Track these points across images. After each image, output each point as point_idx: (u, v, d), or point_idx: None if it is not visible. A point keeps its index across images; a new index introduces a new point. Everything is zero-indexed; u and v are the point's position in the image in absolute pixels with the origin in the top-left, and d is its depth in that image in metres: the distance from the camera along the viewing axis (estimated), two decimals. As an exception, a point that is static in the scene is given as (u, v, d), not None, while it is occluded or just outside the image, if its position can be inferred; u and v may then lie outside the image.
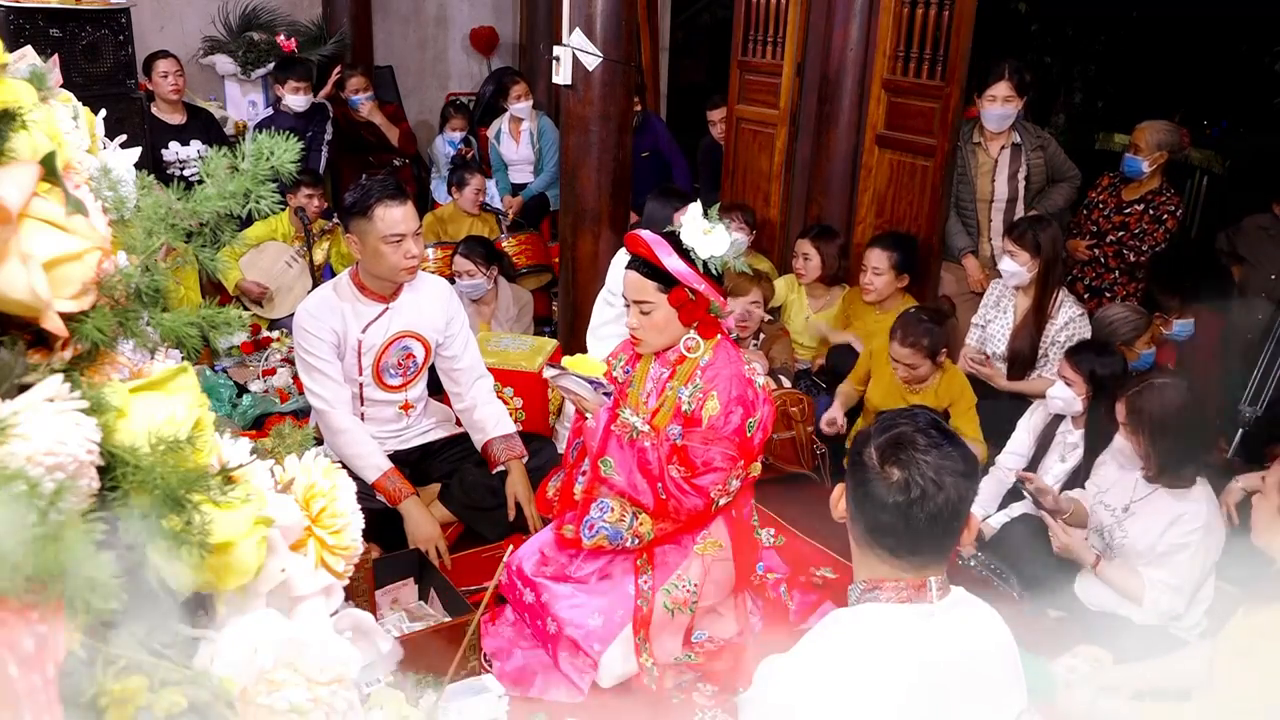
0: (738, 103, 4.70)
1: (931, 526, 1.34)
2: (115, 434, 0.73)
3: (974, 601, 1.44)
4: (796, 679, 1.35)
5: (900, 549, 1.37)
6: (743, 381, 2.44)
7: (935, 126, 3.95)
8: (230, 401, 3.87)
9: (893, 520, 1.35)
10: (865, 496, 1.38)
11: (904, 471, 1.35)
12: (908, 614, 1.37)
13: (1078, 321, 3.53)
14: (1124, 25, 6.98)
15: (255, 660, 0.76)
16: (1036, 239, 3.46)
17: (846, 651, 1.36)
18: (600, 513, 2.48)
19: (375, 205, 2.68)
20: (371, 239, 2.71)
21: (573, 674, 2.43)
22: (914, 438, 1.37)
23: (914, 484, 1.33)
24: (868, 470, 1.38)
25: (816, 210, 4.44)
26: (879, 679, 1.32)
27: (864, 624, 1.38)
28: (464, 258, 4.12)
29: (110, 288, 0.79)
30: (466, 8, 7.06)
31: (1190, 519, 2.47)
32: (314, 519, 0.90)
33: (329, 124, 5.43)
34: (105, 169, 0.90)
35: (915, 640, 1.35)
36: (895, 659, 1.34)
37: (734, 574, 2.57)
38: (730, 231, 2.44)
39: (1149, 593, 2.50)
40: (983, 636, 1.41)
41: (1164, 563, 2.50)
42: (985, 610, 1.44)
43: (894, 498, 1.34)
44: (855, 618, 1.40)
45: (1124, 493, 2.62)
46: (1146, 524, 2.54)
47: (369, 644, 0.95)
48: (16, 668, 0.60)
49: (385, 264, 2.74)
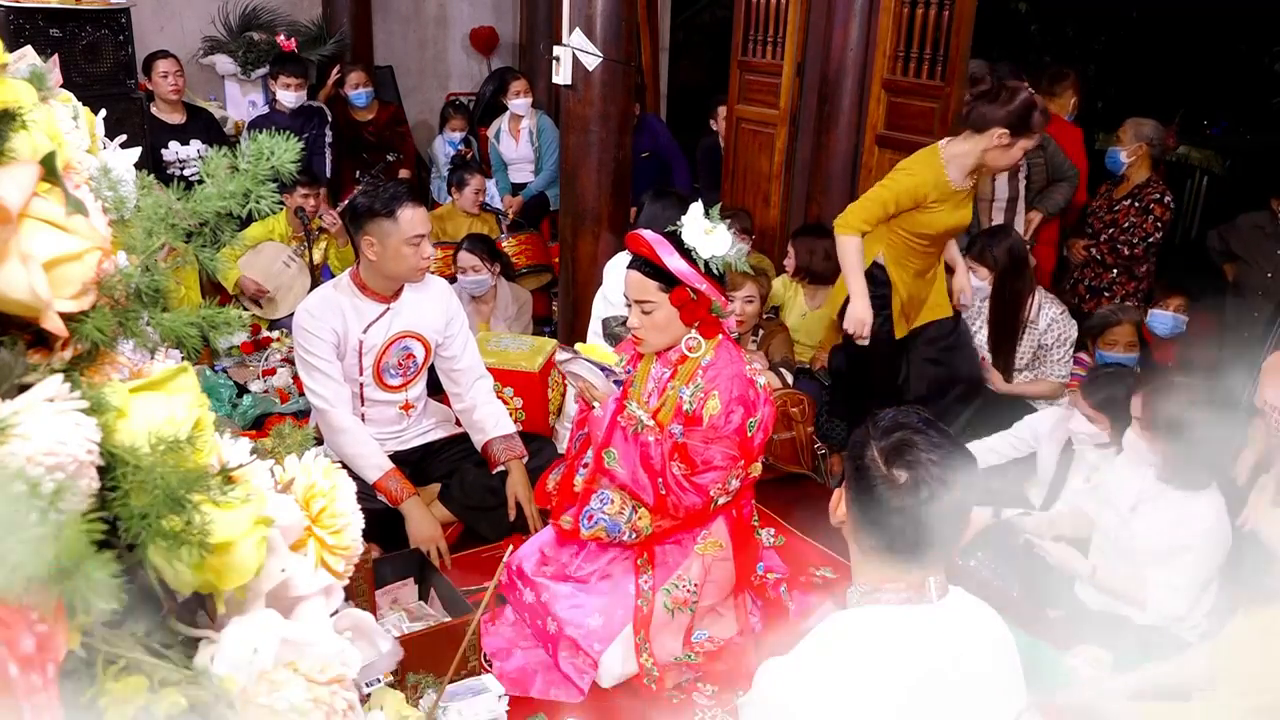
0: (738, 103, 4.71)
1: (939, 527, 1.34)
2: (115, 434, 0.73)
3: (973, 601, 1.44)
4: (797, 681, 1.35)
5: (907, 550, 1.36)
6: (744, 381, 2.44)
7: (935, 126, 3.95)
8: (230, 401, 3.87)
9: (901, 523, 1.35)
10: (871, 501, 1.37)
11: (911, 473, 1.34)
12: (908, 615, 1.37)
13: (1061, 321, 3.56)
14: (1124, 25, 6.99)
15: (255, 660, 0.76)
16: (992, 253, 3.53)
17: (847, 653, 1.36)
18: (600, 504, 2.49)
19: (400, 208, 2.70)
20: (394, 240, 2.72)
21: (573, 674, 2.43)
22: (916, 439, 1.37)
23: (923, 485, 1.33)
24: (872, 474, 1.37)
25: (816, 210, 4.44)
26: (880, 680, 1.32)
27: (865, 626, 1.38)
28: (469, 254, 4.12)
29: (110, 288, 0.79)
30: (466, 8, 7.06)
31: (1198, 519, 2.47)
32: (314, 519, 0.90)
33: (328, 128, 5.43)
34: (105, 169, 0.90)
35: (915, 641, 1.35)
36: (896, 660, 1.34)
37: (734, 574, 2.57)
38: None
39: (1152, 594, 2.49)
40: (982, 636, 1.41)
41: (1168, 563, 2.49)
42: (985, 610, 1.44)
43: (902, 500, 1.34)
44: (856, 620, 1.40)
45: (1131, 491, 2.62)
46: (1153, 522, 2.53)
47: (369, 644, 0.95)
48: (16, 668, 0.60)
49: (405, 265, 2.76)
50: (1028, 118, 3.00)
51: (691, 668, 2.47)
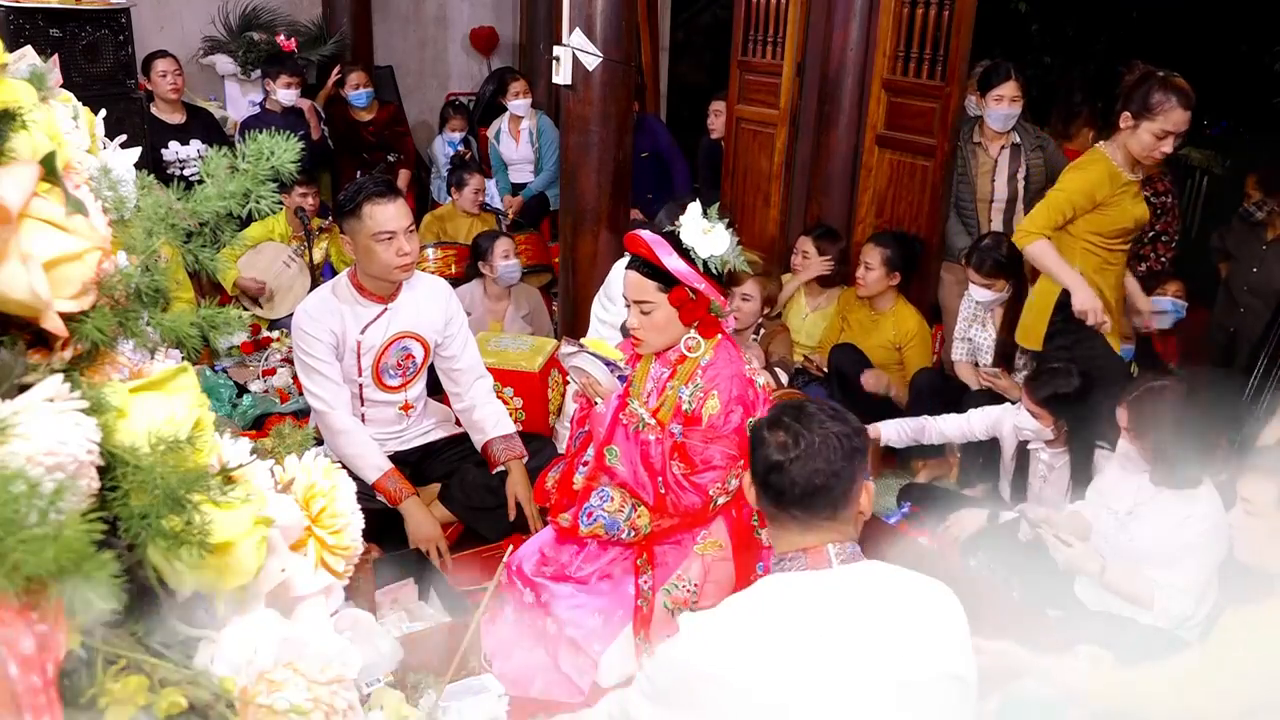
0: (738, 103, 4.70)
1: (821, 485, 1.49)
2: (115, 434, 0.73)
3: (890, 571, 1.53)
4: (703, 639, 1.46)
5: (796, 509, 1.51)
6: (743, 381, 2.44)
7: (935, 126, 3.95)
8: (230, 401, 3.87)
9: (780, 480, 1.51)
10: (760, 465, 1.55)
11: (788, 433, 1.52)
12: (806, 580, 1.49)
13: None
14: (1124, 25, 6.98)
15: (255, 660, 0.76)
16: (996, 262, 3.53)
17: (749, 616, 1.48)
18: (600, 501, 2.49)
19: (364, 203, 2.67)
20: (362, 237, 2.70)
21: (573, 674, 2.43)
22: (804, 406, 1.57)
23: (796, 442, 1.50)
24: (762, 440, 1.55)
25: (816, 210, 4.44)
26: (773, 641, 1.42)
27: (767, 591, 1.51)
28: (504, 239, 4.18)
29: (110, 288, 0.79)
30: (466, 8, 7.06)
31: (1198, 520, 2.46)
32: (314, 519, 0.90)
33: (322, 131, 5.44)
34: (105, 169, 0.90)
35: (810, 605, 1.46)
36: (790, 623, 1.44)
37: (734, 574, 2.57)
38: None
39: (1159, 597, 2.49)
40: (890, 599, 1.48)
41: (1173, 565, 2.49)
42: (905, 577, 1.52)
43: (781, 455, 1.51)
44: (761, 586, 1.53)
45: (1127, 495, 2.61)
46: (1153, 526, 2.53)
47: (369, 644, 0.95)
48: (16, 668, 0.60)
49: (378, 262, 2.73)
50: (1141, 97, 3.02)
51: (691, 668, 2.47)
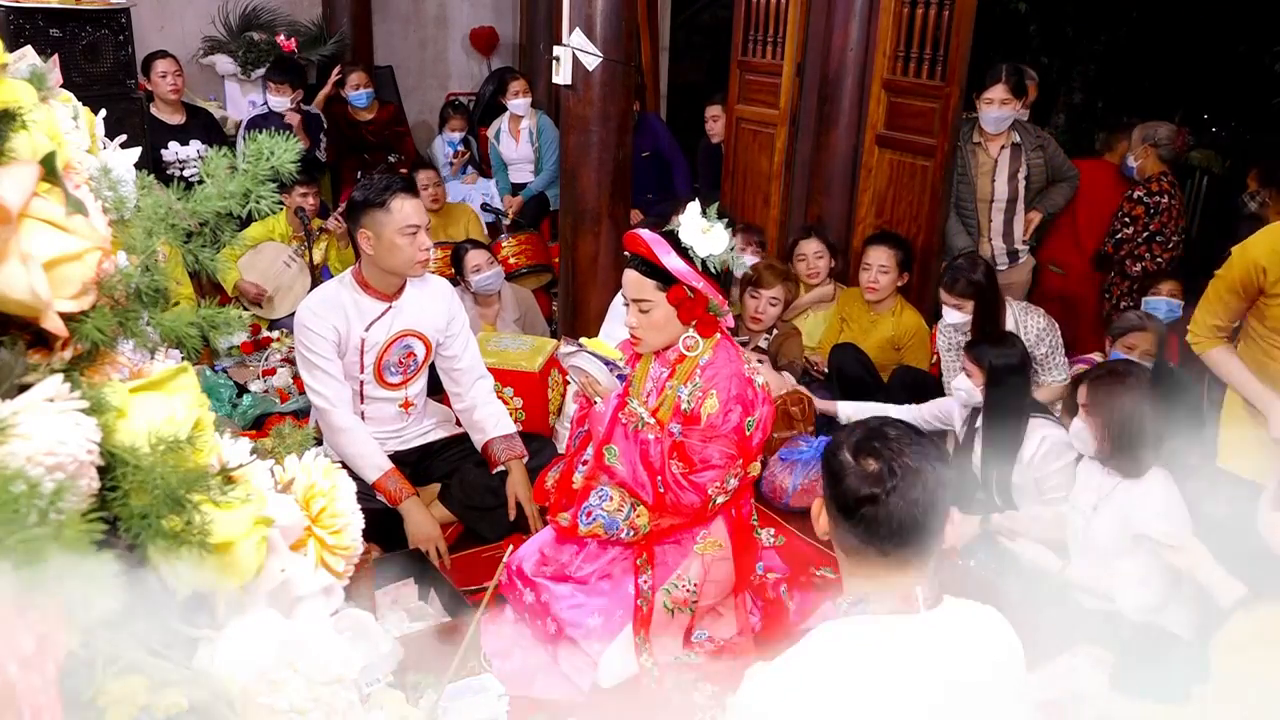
0: (738, 103, 4.70)
1: (914, 518, 1.33)
2: (115, 434, 0.73)
3: (972, 610, 1.42)
4: (780, 690, 1.34)
5: (885, 545, 1.35)
6: (742, 380, 2.44)
7: (935, 126, 3.95)
8: (230, 401, 3.87)
9: (874, 512, 1.34)
10: (845, 494, 1.37)
11: (880, 461, 1.35)
12: (895, 626, 1.36)
13: (1048, 330, 3.54)
14: (1124, 25, 6.98)
15: (255, 660, 0.76)
16: (970, 282, 3.41)
17: (832, 663, 1.35)
18: (600, 500, 2.49)
19: (393, 198, 2.71)
20: (388, 231, 2.72)
21: (573, 674, 2.43)
22: (887, 432, 1.38)
23: (893, 472, 1.33)
24: (845, 469, 1.38)
25: (816, 210, 4.44)
26: (863, 691, 1.31)
27: (851, 637, 1.37)
28: (477, 251, 4.13)
29: (110, 288, 0.79)
30: (466, 8, 7.06)
31: (1148, 504, 2.50)
32: (314, 519, 0.90)
33: (321, 134, 5.45)
34: (105, 169, 0.90)
35: (901, 654, 1.34)
36: (881, 671, 1.32)
37: (734, 574, 2.58)
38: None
39: (1119, 588, 2.52)
40: (978, 648, 1.39)
41: (1132, 554, 2.52)
42: (986, 619, 1.42)
43: (873, 488, 1.34)
44: (843, 630, 1.39)
45: (1091, 491, 2.67)
46: (1110, 519, 2.58)
47: (369, 644, 0.95)
48: (16, 668, 0.60)
49: (401, 256, 2.75)
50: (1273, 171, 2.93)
51: (692, 668, 2.47)
